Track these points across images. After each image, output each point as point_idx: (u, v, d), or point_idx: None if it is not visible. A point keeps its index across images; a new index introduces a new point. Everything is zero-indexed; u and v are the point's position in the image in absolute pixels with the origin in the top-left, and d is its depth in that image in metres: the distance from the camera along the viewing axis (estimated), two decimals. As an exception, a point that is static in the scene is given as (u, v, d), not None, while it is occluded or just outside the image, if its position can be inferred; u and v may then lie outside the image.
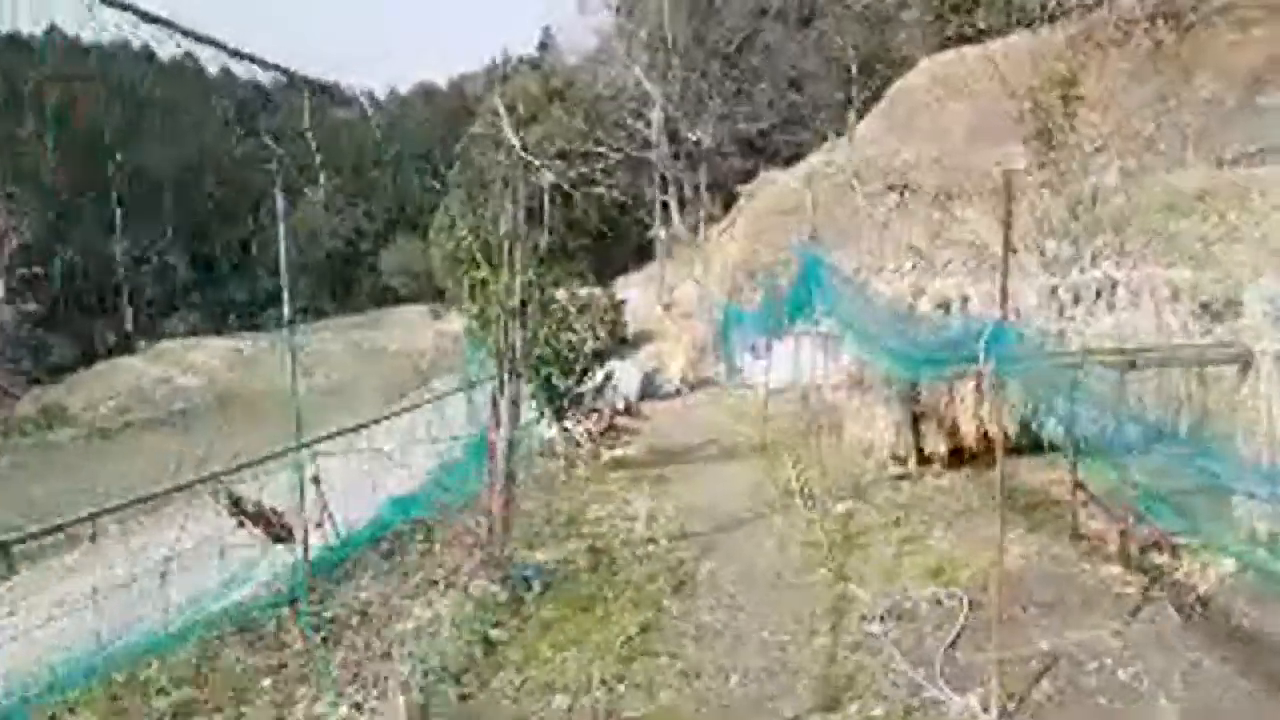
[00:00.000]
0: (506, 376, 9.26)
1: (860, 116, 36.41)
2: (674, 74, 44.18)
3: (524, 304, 9.87)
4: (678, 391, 22.58)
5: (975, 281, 14.51)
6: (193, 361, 65.44)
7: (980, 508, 11.15)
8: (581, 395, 14.35)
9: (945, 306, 13.32)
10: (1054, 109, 24.19)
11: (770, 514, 11.84)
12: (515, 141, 10.91)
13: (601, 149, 44.44)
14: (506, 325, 9.41)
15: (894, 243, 24.93)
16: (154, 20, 5.90)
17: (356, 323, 67.32)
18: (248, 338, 69.48)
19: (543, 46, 63.17)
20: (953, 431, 12.93)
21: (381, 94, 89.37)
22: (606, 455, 15.29)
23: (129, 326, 71.95)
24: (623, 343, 31.84)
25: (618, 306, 32.51)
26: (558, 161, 47.10)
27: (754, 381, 19.88)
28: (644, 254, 46.54)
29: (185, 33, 6.31)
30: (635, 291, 38.22)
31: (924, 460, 13.16)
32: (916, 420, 13.17)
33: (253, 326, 74.99)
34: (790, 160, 38.92)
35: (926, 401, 13.05)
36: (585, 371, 14.10)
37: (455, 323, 51.18)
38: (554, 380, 13.53)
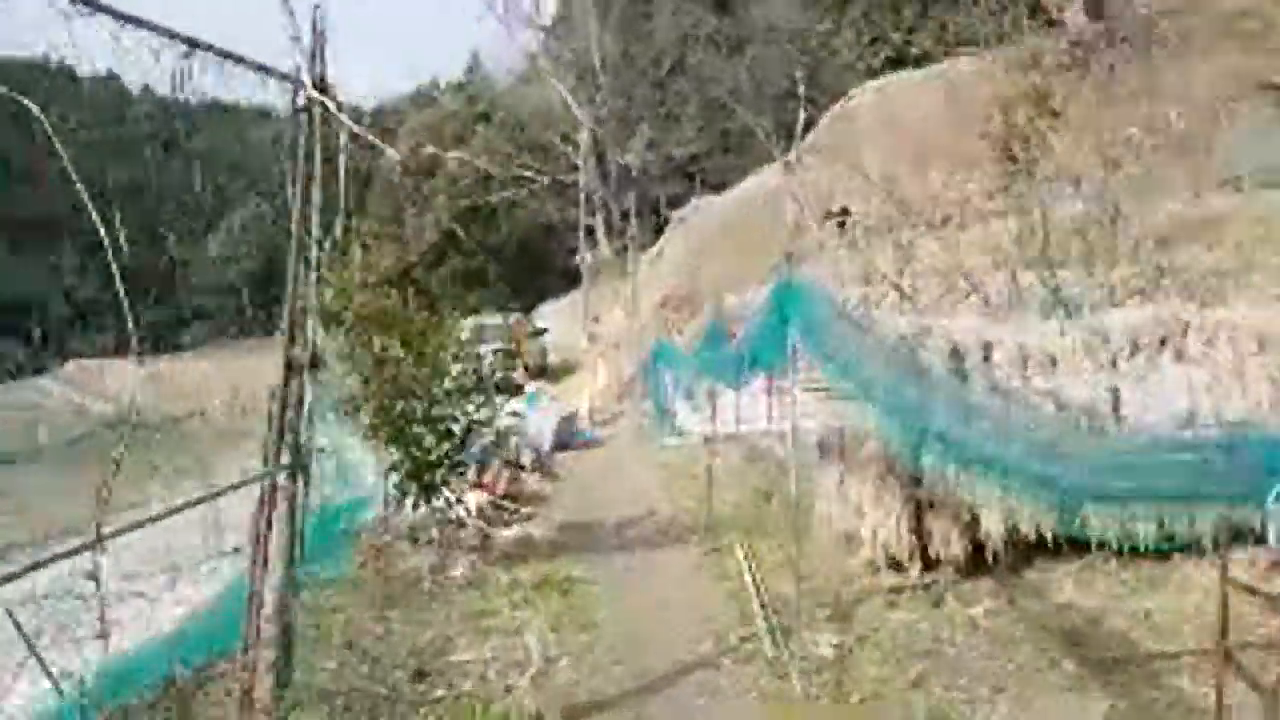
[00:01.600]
0: (287, 472, 4.87)
1: (794, 143, 32.69)
2: (602, 96, 40.19)
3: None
4: (597, 440, 18.30)
5: (993, 323, 10.53)
6: (102, 384, 59.35)
7: (1039, 660, 7.05)
8: (462, 463, 9.97)
9: (959, 355, 9.24)
10: (1020, 130, 20.58)
11: (725, 657, 7.57)
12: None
13: (528, 172, 40.17)
14: (288, 381, 4.98)
15: (849, 272, 21.18)
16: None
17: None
18: (164, 359, 63.65)
19: (470, 70, 58.64)
20: (970, 526, 8.86)
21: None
22: (502, 536, 10.89)
23: (36, 345, 65.41)
24: (540, 374, 27.50)
25: (537, 335, 28.21)
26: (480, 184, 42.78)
27: (688, 430, 15.73)
28: (571, 280, 42.19)
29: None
30: (557, 320, 33.95)
31: (929, 564, 9.05)
32: (919, 508, 9.06)
33: (174, 346, 68.89)
34: (720, 186, 35.13)
35: (932, 482, 8.94)
36: (469, 430, 9.71)
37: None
38: (423, 445, 9.10)
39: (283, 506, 4.82)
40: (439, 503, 9.63)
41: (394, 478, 9.43)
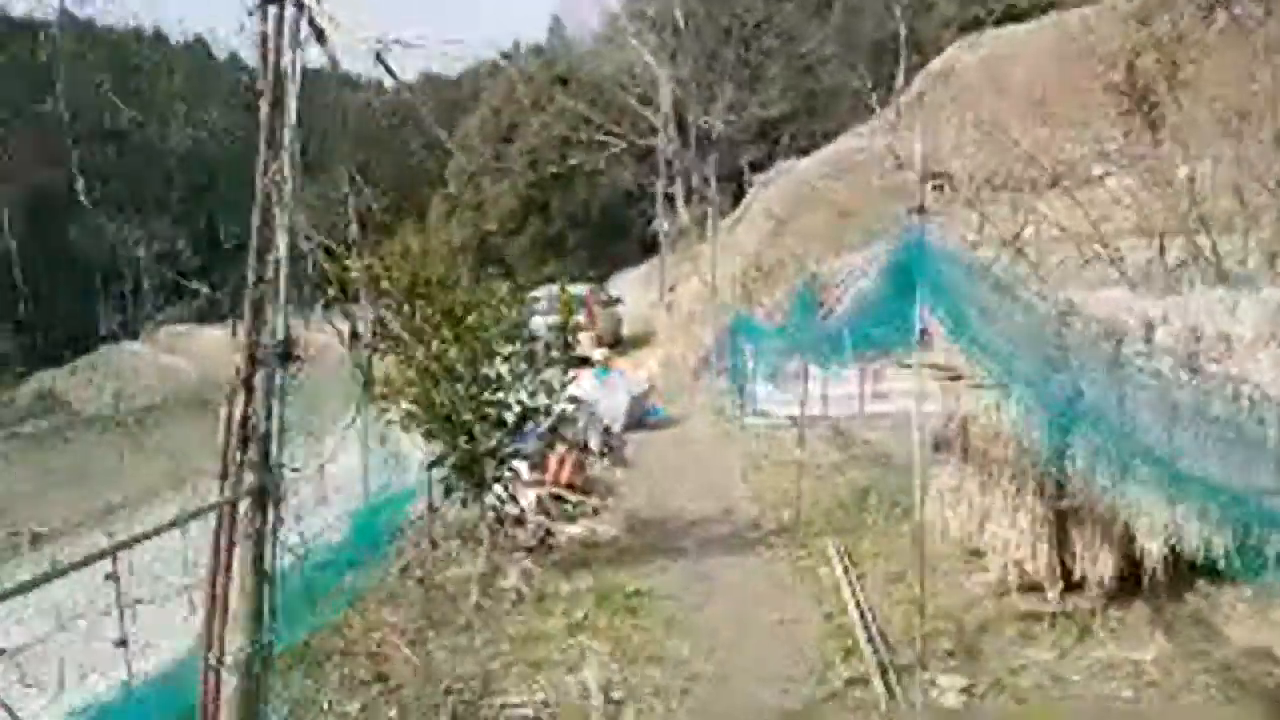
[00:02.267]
0: (251, 499, 3.55)
1: (894, 98, 30.50)
2: (684, 56, 38.35)
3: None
4: (671, 419, 16.82)
5: (1141, 297, 8.74)
6: (190, 348, 60.24)
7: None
8: (518, 452, 8.58)
9: (1114, 335, 7.55)
10: (1147, 82, 18.36)
11: (827, 702, 6.12)
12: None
13: (606, 137, 38.67)
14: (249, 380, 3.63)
15: (953, 239, 19.26)
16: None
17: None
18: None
19: (551, 32, 57.27)
20: (1124, 543, 7.21)
21: (388, 83, 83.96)
22: (564, 533, 9.57)
23: (131, 311, 66.76)
24: (614, 345, 26.16)
25: (610, 305, 26.87)
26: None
27: (771, 411, 14.20)
28: (649, 249, 40.70)
29: None
30: (633, 289, 32.53)
31: (1071, 585, 7.44)
32: (1062, 519, 7.43)
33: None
34: (805, 150, 33.18)
35: (1078, 489, 7.30)
36: (524, 418, 8.28)
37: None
38: (472, 435, 7.73)
39: (245, 546, 3.50)
40: (491, 499, 8.33)
41: (439, 472, 8.16)
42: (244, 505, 3.54)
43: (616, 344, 26.32)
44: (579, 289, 26.09)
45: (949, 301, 5.66)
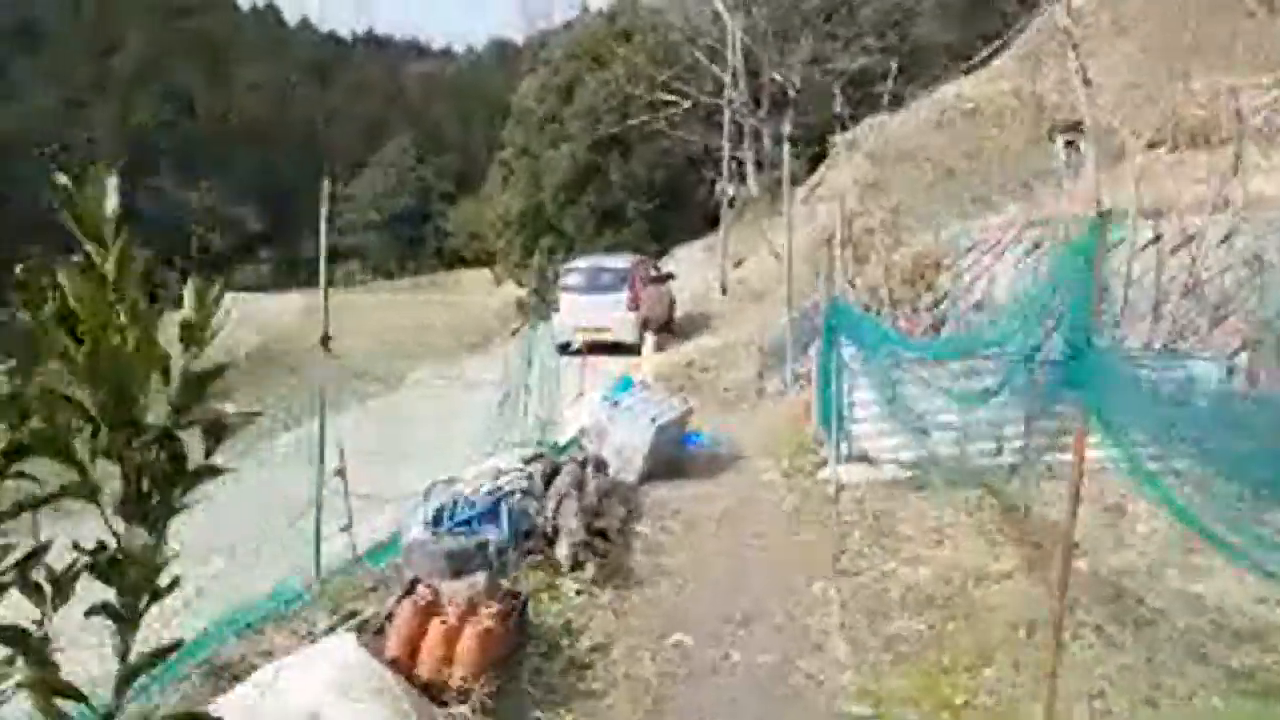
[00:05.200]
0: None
1: (1004, 46, 24.52)
2: (759, 6, 32.69)
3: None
4: (716, 450, 11.06)
5: None
6: (253, 314, 57.03)
7: None
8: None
9: None
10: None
11: None
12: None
13: (671, 96, 33.31)
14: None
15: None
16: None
17: (413, 285, 57.67)
18: (313, 292, 61.02)
19: (617, -8, 51.56)
20: None
21: (459, 49, 79.36)
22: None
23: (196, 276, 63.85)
24: (664, 329, 21.10)
25: (659, 281, 21.77)
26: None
27: (878, 457, 8.90)
28: (713, 221, 35.28)
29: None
30: (692, 265, 27.28)
31: None
32: None
33: (329, 283, 66.24)
34: (897, 103, 27.43)
35: None
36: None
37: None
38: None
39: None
40: None
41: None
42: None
43: (666, 328, 21.24)
44: (622, 262, 21.05)
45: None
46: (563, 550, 6.19)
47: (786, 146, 31.01)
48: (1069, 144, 19.87)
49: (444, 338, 35.58)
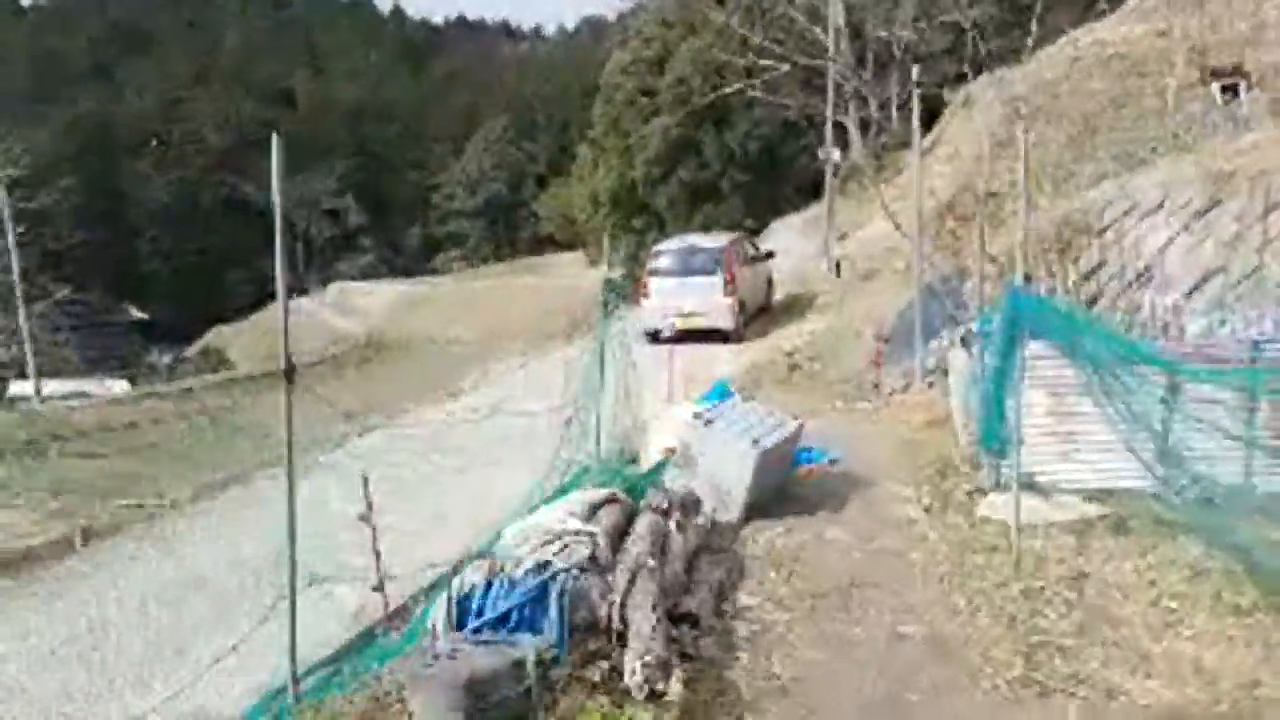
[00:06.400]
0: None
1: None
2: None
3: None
4: (832, 468, 9.37)
5: None
6: (357, 305, 57.35)
7: None
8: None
9: None
10: None
11: None
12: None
13: (767, 60, 30.99)
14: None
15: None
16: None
17: (504, 271, 56.80)
18: (411, 282, 61.07)
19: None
20: None
21: (551, 29, 77.96)
22: None
23: (300, 267, 64.70)
24: (761, 313, 19.15)
25: (757, 261, 19.77)
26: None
27: (1055, 490, 6.81)
28: (814, 192, 32.86)
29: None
30: (791, 240, 25.13)
31: None
32: None
33: (431, 270, 66.37)
34: (1017, 55, 24.60)
35: None
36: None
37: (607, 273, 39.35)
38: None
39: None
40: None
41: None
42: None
43: (764, 311, 19.30)
44: (717, 240, 19.16)
45: None
46: (633, 665, 4.31)
47: (895, 112, 28.44)
48: (1225, 89, 17.10)
49: (546, 321, 33.88)
